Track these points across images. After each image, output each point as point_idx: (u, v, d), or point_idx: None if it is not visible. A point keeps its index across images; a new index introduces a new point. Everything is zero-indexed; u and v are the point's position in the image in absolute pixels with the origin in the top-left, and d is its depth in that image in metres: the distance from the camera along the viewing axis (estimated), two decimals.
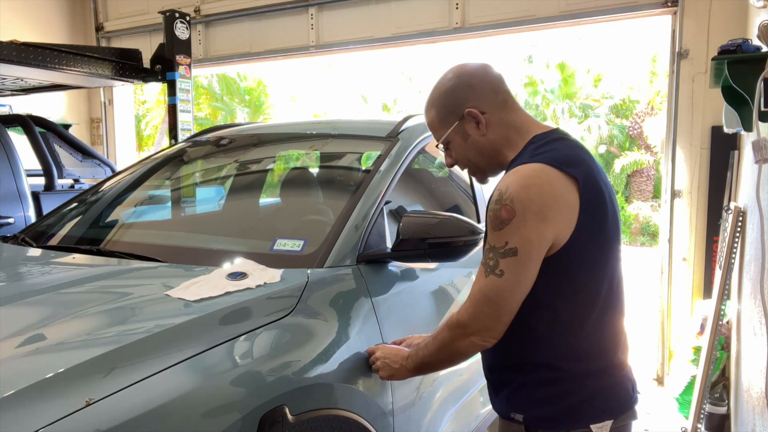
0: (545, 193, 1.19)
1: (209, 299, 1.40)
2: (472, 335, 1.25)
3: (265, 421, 1.21)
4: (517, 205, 1.18)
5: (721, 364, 3.10)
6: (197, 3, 5.33)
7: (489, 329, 1.24)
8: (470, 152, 1.38)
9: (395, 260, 1.82)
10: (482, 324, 1.24)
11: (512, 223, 1.18)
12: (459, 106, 1.34)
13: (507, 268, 1.19)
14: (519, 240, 1.18)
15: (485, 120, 1.33)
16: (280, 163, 2.82)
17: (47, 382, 1.04)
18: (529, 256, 1.19)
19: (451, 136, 1.38)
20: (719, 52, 2.01)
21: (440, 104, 1.38)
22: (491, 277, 1.21)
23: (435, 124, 1.41)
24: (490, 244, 1.23)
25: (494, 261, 1.21)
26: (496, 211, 1.21)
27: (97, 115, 6.15)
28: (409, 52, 5.60)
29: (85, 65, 3.97)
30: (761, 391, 1.92)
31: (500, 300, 1.21)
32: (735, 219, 2.90)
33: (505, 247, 1.19)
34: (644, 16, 3.99)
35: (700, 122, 3.71)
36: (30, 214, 3.72)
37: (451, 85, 1.36)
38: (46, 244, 2.06)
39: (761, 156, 1.81)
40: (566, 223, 1.20)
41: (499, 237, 1.20)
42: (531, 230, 1.18)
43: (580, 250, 1.23)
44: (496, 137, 1.35)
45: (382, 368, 1.46)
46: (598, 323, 1.28)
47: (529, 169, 1.22)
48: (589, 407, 1.28)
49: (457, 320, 1.28)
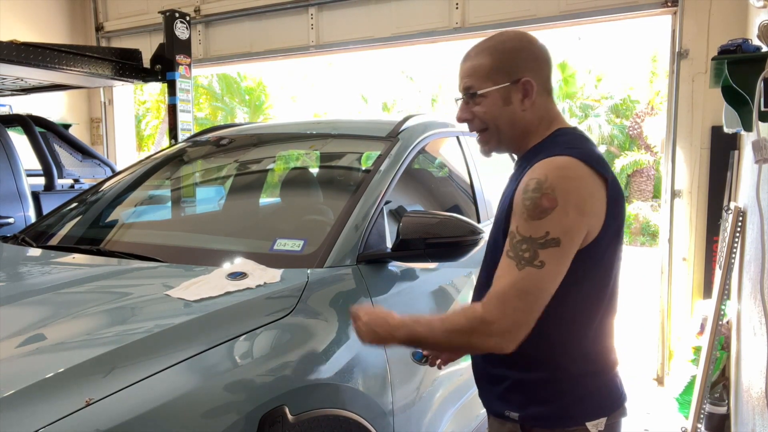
0: (583, 187, 1.17)
1: (209, 299, 1.40)
2: (496, 335, 1.16)
3: (265, 421, 1.21)
4: (559, 195, 1.14)
5: (721, 364, 3.10)
6: (197, 3, 5.33)
7: (518, 328, 1.16)
8: (502, 119, 1.31)
9: (395, 260, 1.82)
10: (512, 322, 1.15)
11: (555, 212, 1.13)
12: (517, 70, 1.28)
13: (548, 259, 1.14)
14: (561, 230, 1.14)
15: (532, 97, 1.29)
16: (280, 163, 2.82)
17: (47, 382, 1.04)
18: (570, 248, 1.16)
19: (491, 94, 1.29)
20: (719, 52, 2.01)
21: (497, 57, 1.29)
22: (529, 269, 1.14)
23: (481, 72, 1.31)
24: (524, 235, 1.16)
25: (531, 252, 1.14)
26: (535, 200, 1.15)
27: (97, 115, 6.15)
28: (409, 52, 5.61)
29: (85, 65, 3.96)
30: (761, 391, 1.92)
31: (539, 293, 1.15)
32: (735, 219, 2.90)
33: (546, 238, 1.14)
34: (644, 16, 3.99)
35: (700, 122, 3.71)
36: (30, 214, 3.72)
37: (517, 46, 1.31)
38: (46, 244, 2.06)
39: (761, 156, 1.81)
40: (597, 221, 1.19)
41: (537, 227, 1.15)
42: (573, 221, 1.15)
43: (600, 251, 1.22)
44: (532, 118, 1.31)
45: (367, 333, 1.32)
46: (600, 324, 1.28)
47: (566, 161, 1.19)
48: (584, 405, 1.28)
49: (482, 317, 1.17)
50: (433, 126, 2.41)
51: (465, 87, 1.33)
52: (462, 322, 1.21)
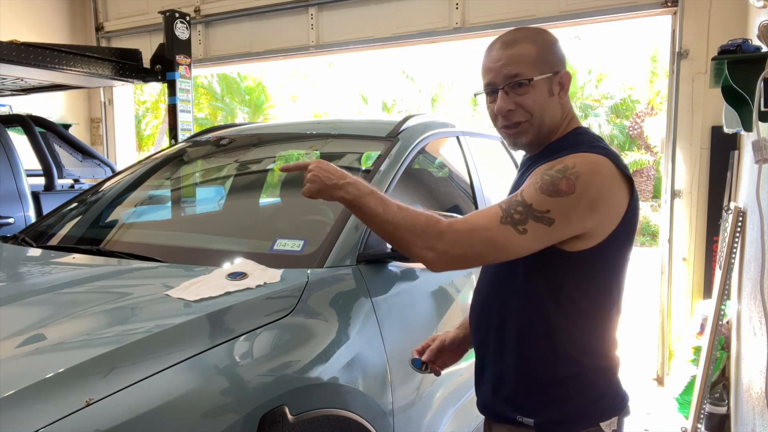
0: (605, 186, 1.18)
1: (209, 299, 1.40)
2: (438, 252, 1.17)
3: (265, 421, 1.21)
4: (579, 185, 1.15)
5: (721, 364, 3.09)
6: (197, 3, 5.33)
7: (459, 261, 1.18)
8: (546, 108, 1.29)
9: (395, 260, 1.82)
10: (460, 253, 1.17)
11: (565, 198, 1.15)
12: (557, 61, 1.30)
13: (533, 231, 1.15)
14: (561, 216, 1.15)
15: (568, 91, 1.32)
16: (280, 163, 2.82)
17: (47, 382, 1.04)
18: (558, 235, 1.17)
19: (540, 83, 1.27)
20: (719, 52, 2.01)
21: (541, 46, 1.29)
22: (508, 228, 1.16)
23: (528, 60, 1.27)
24: (527, 201, 1.17)
25: (522, 216, 1.15)
26: (554, 178, 1.17)
27: (97, 115, 6.15)
28: (409, 52, 5.60)
29: (85, 65, 3.96)
30: (761, 391, 1.92)
31: (501, 251, 1.17)
32: (735, 219, 2.90)
33: (544, 214, 1.15)
34: (644, 16, 3.99)
35: (700, 122, 3.71)
36: (30, 214, 3.72)
37: (552, 39, 1.33)
38: (46, 244, 2.06)
39: (761, 156, 1.81)
40: (610, 220, 1.20)
41: (543, 201, 1.16)
42: (579, 214, 1.16)
43: (614, 251, 1.23)
44: (564, 111, 1.33)
45: (313, 181, 1.27)
46: (609, 322, 1.29)
47: (597, 158, 1.20)
48: (599, 406, 1.28)
49: (441, 231, 1.17)
50: (433, 126, 2.41)
51: (511, 75, 1.27)
52: (419, 221, 1.19)
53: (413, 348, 1.53)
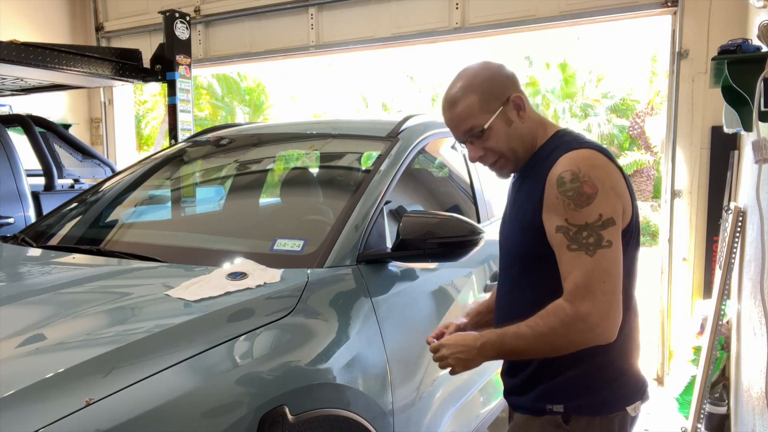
0: (609, 173, 1.24)
1: (209, 299, 1.40)
2: (597, 326, 1.18)
3: (265, 421, 1.21)
4: (596, 181, 1.21)
5: (721, 364, 3.09)
6: (197, 3, 5.33)
7: (614, 311, 1.19)
8: (513, 140, 1.35)
9: (395, 260, 1.82)
10: (606, 307, 1.18)
11: (599, 196, 1.20)
12: (503, 91, 1.34)
13: (612, 237, 1.20)
14: (612, 210, 1.20)
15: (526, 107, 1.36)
16: (280, 163, 2.82)
17: (47, 382, 1.04)
18: (621, 225, 1.23)
19: (494, 123, 1.33)
20: (719, 52, 2.01)
21: (482, 89, 1.33)
22: (601, 251, 1.19)
23: (474, 110, 1.33)
24: (578, 224, 1.20)
25: (595, 236, 1.19)
26: (577, 189, 1.21)
27: (97, 115, 6.15)
28: (409, 52, 5.61)
29: (85, 65, 3.96)
30: (761, 391, 1.92)
31: (617, 270, 1.21)
32: (735, 219, 2.90)
33: (601, 219, 1.19)
34: (644, 16, 3.99)
35: (700, 122, 3.71)
36: (30, 214, 3.72)
37: (490, 73, 1.36)
38: (46, 244, 2.06)
39: (761, 156, 1.81)
40: (628, 204, 1.26)
41: (589, 212, 1.20)
42: (615, 201, 1.22)
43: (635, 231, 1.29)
44: (532, 126, 1.37)
45: (455, 364, 1.35)
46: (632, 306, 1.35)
47: (588, 153, 1.26)
48: (625, 390, 1.34)
49: (576, 312, 1.18)
50: (433, 126, 2.41)
51: (466, 130, 1.35)
52: (554, 323, 1.21)
53: (413, 347, 1.53)
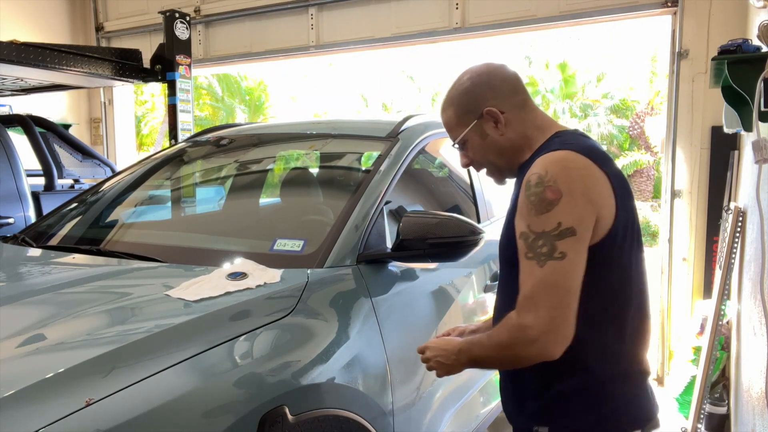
0: (586, 176, 1.16)
1: (209, 299, 1.40)
2: (538, 340, 1.11)
3: (265, 421, 1.21)
4: (562, 185, 1.13)
5: (721, 364, 3.10)
6: (197, 3, 5.32)
7: (557, 327, 1.10)
8: (489, 152, 1.35)
9: (395, 260, 1.82)
10: (549, 321, 1.10)
11: (562, 202, 1.12)
12: (478, 105, 1.32)
13: (568, 248, 1.11)
14: (573, 219, 1.12)
15: (504, 119, 1.31)
16: (280, 163, 2.82)
17: (47, 382, 1.04)
18: (586, 235, 1.13)
19: (468, 136, 1.34)
20: (719, 52, 2.01)
21: (458, 103, 1.35)
22: (551, 263, 1.11)
23: (452, 123, 1.37)
24: (536, 231, 1.14)
25: (549, 246, 1.12)
26: (539, 194, 1.14)
27: (97, 115, 6.15)
28: (409, 52, 5.61)
29: (85, 65, 3.96)
30: (761, 391, 1.92)
31: (567, 284, 1.11)
32: (735, 219, 2.90)
33: (559, 228, 1.11)
34: (644, 16, 3.99)
35: (700, 122, 3.71)
36: (30, 214, 3.72)
37: (470, 84, 1.34)
38: (46, 244, 2.06)
39: (761, 156, 1.81)
40: (608, 210, 1.16)
41: (548, 219, 1.12)
42: (582, 208, 1.13)
43: (617, 246, 1.19)
44: (516, 137, 1.32)
45: (437, 367, 1.35)
46: (631, 325, 1.24)
47: (564, 154, 1.18)
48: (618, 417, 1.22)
49: (519, 323, 1.13)
50: (433, 126, 2.41)
51: (452, 141, 1.40)
52: (503, 336, 1.18)
53: (413, 347, 1.52)
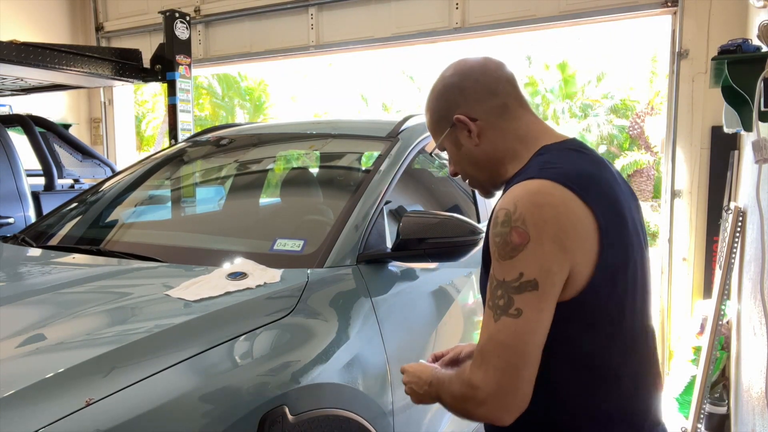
0: (561, 215, 0.97)
1: (209, 299, 1.40)
2: (486, 403, 0.97)
3: (265, 421, 1.21)
4: (530, 228, 0.95)
5: (721, 364, 3.10)
6: (197, 3, 5.32)
7: (505, 393, 0.95)
8: (464, 163, 1.20)
9: (395, 260, 1.82)
10: (496, 385, 0.95)
11: (527, 249, 0.95)
12: (449, 110, 1.16)
13: (525, 305, 0.95)
14: (537, 270, 0.95)
15: (477, 128, 1.13)
16: (280, 163, 2.82)
17: (47, 382, 1.04)
18: (551, 290, 0.96)
19: (445, 143, 1.20)
20: (719, 52, 2.01)
21: (433, 108, 1.21)
22: (504, 320, 0.95)
23: (430, 128, 1.24)
24: (498, 279, 0.98)
25: (506, 299, 0.96)
26: (504, 236, 0.97)
27: (97, 115, 6.15)
28: (409, 52, 5.61)
29: (85, 65, 3.96)
30: (761, 391, 1.92)
31: (519, 346, 0.95)
32: (735, 219, 2.90)
33: (520, 280, 0.95)
34: (644, 16, 3.99)
35: (700, 122, 3.71)
36: (30, 214, 3.72)
37: (443, 87, 1.18)
38: (46, 244, 2.06)
39: (761, 156, 1.81)
40: (586, 255, 0.98)
41: (510, 268, 0.96)
42: (551, 258, 0.95)
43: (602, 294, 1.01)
44: (493, 148, 1.14)
45: (410, 393, 1.21)
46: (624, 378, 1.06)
47: (539, 185, 0.99)
48: None
49: (469, 380, 0.99)
50: None
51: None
52: (456, 387, 1.03)
53: (413, 347, 1.52)
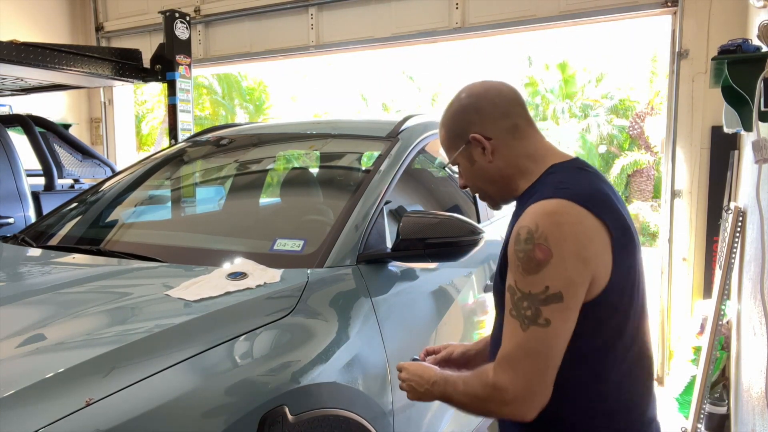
0: (580, 232, 1.08)
1: (209, 299, 1.40)
2: (510, 403, 1.09)
3: (265, 421, 1.21)
4: (553, 245, 1.06)
5: (721, 364, 3.10)
6: (197, 3, 5.33)
7: (533, 394, 1.08)
8: (477, 178, 1.31)
9: (395, 260, 1.82)
10: (524, 388, 1.08)
11: (551, 264, 1.05)
12: (465, 129, 1.27)
13: (553, 315, 1.06)
14: (562, 283, 1.05)
15: (491, 146, 1.24)
16: (280, 163, 2.82)
17: (47, 382, 1.04)
18: (575, 301, 1.07)
19: (458, 159, 1.31)
20: (719, 52, 2.01)
21: (449, 125, 1.31)
22: (534, 329, 1.07)
23: (444, 144, 1.35)
24: (524, 291, 1.08)
25: (534, 309, 1.07)
26: (528, 252, 1.07)
27: (97, 115, 6.15)
28: (409, 52, 5.61)
29: (85, 65, 3.96)
30: (761, 391, 1.92)
31: (548, 353, 1.07)
32: (735, 219, 2.90)
33: (546, 293, 1.06)
34: (644, 16, 3.99)
35: (700, 122, 3.71)
36: (30, 214, 3.72)
37: (459, 106, 1.29)
38: (46, 244, 2.06)
39: (761, 156, 1.81)
40: (603, 266, 1.09)
41: (535, 281, 1.07)
42: (573, 271, 1.06)
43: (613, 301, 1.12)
44: (505, 165, 1.25)
45: (408, 390, 1.33)
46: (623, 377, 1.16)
47: (557, 205, 1.10)
48: None
49: (494, 383, 1.10)
50: (433, 126, 2.41)
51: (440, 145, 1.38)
52: (477, 389, 1.15)
53: (413, 347, 1.52)
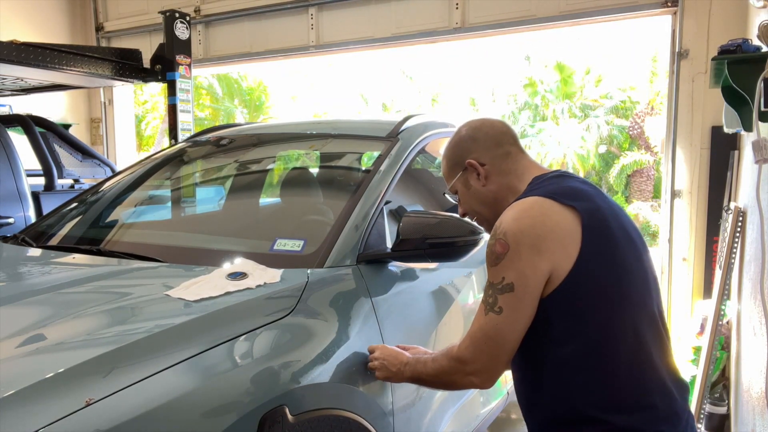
0: (538, 224, 1.19)
1: (209, 299, 1.40)
2: (471, 374, 1.26)
3: (265, 421, 1.21)
4: (510, 239, 1.19)
5: (721, 364, 3.10)
6: (197, 3, 5.33)
7: (488, 370, 1.24)
8: (473, 201, 1.45)
9: (395, 260, 1.82)
10: (481, 364, 1.24)
11: (507, 257, 1.18)
12: (462, 157, 1.44)
13: (505, 304, 1.19)
14: (515, 275, 1.18)
15: (484, 171, 1.40)
16: (280, 163, 2.82)
17: (47, 382, 1.04)
18: (525, 291, 1.18)
19: (456, 185, 1.47)
20: (719, 52, 2.01)
21: (448, 155, 1.49)
22: (491, 315, 1.21)
23: (445, 173, 1.51)
24: (489, 281, 1.24)
25: (493, 298, 1.21)
26: (491, 247, 1.23)
27: (97, 115, 6.16)
28: (409, 52, 5.61)
29: (85, 65, 3.96)
30: (761, 391, 1.92)
31: (500, 338, 1.21)
32: (735, 219, 2.90)
33: (502, 283, 1.19)
34: (644, 16, 3.99)
35: (700, 122, 3.71)
36: (30, 214, 3.72)
37: (459, 138, 1.47)
38: (46, 244, 2.06)
39: (761, 156, 1.81)
40: (564, 254, 1.17)
41: (495, 272, 1.21)
42: (526, 264, 1.17)
43: (590, 284, 1.18)
44: (497, 188, 1.40)
45: (379, 368, 1.47)
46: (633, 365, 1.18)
47: (522, 203, 1.25)
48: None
49: (458, 356, 1.28)
50: (433, 126, 2.41)
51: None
52: (444, 363, 1.32)
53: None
